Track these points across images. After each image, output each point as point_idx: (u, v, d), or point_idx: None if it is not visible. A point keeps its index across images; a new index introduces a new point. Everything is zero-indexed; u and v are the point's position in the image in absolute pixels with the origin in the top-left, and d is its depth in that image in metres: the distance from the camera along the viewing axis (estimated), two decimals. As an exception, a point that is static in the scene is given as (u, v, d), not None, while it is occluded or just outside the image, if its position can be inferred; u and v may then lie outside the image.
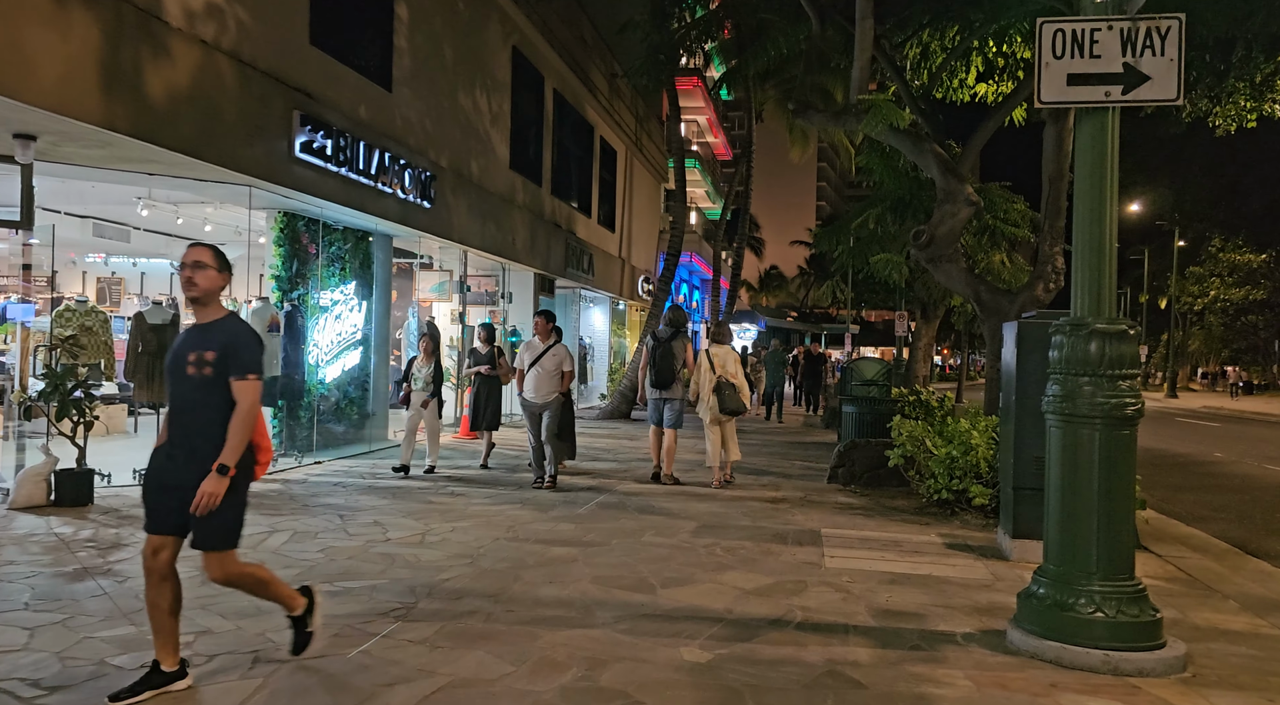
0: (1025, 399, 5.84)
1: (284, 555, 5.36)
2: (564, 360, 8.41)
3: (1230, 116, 11.53)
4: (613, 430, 14.64)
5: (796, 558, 5.75)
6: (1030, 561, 5.77)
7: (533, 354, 8.42)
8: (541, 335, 8.48)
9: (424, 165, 11.32)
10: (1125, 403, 3.93)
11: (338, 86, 9.44)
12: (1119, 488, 3.93)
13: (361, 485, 8.09)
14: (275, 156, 8.24)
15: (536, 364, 8.33)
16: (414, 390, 9.10)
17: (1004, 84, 10.82)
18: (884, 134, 9.48)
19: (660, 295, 18.10)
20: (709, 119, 30.92)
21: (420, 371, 9.07)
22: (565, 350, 8.46)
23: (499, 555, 5.55)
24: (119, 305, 16.66)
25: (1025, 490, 5.83)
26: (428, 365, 9.14)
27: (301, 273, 9.94)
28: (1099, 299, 4.02)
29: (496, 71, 14.18)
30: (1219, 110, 11.22)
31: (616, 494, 8.13)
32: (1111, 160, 4.03)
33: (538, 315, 8.62)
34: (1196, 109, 11.03)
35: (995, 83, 10.85)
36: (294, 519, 6.48)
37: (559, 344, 8.48)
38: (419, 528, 6.32)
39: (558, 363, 8.35)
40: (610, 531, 6.40)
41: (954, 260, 9.36)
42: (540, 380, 8.32)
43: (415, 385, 9.10)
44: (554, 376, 8.33)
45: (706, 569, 5.36)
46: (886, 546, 6.18)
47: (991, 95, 10.90)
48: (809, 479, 9.45)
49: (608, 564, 5.41)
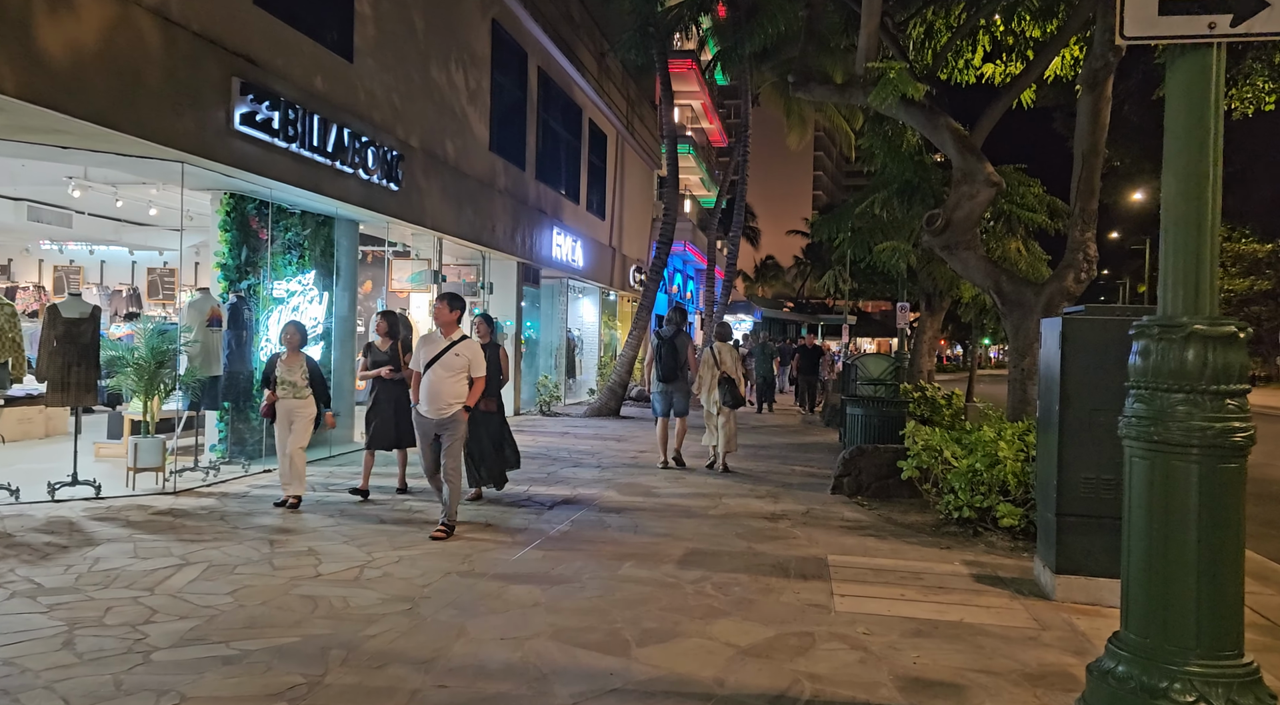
0: (1071, 407, 4.95)
1: (184, 600, 4.45)
2: (473, 361, 6.23)
3: (1248, 99, 11.14)
4: (599, 429, 13.74)
5: (800, 597, 4.86)
6: (1078, 602, 4.90)
7: (431, 351, 6.19)
8: (444, 326, 6.28)
9: (391, 144, 10.36)
10: (1232, 427, 3.03)
11: (288, 53, 8.48)
12: (1226, 538, 3.04)
13: (308, 500, 7.18)
14: (210, 129, 7.29)
15: (436, 363, 6.13)
16: (280, 395, 6.93)
17: (1013, 64, 10.31)
18: (894, 108, 8.58)
19: (651, 285, 17.18)
20: (704, 104, 29.92)
21: (288, 373, 6.95)
22: (477, 349, 6.35)
23: (446, 598, 4.64)
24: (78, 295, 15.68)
25: (1072, 517, 4.95)
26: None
27: (252, 261, 9.01)
28: (1197, 292, 3.11)
29: (475, 46, 13.19)
30: (1235, 92, 10.91)
31: (596, 510, 7.24)
32: (1215, 116, 3.12)
33: (439, 300, 6.40)
34: (1211, 91, 10.77)
35: (1003, 63, 10.37)
36: (214, 546, 5.57)
37: (467, 340, 6.33)
38: (359, 558, 5.41)
39: (465, 364, 6.17)
40: (584, 561, 5.50)
41: (972, 248, 8.47)
42: (438, 387, 6.10)
43: (281, 389, 6.93)
44: (457, 383, 6.16)
45: (694, 616, 4.47)
46: (905, 580, 5.30)
47: (999, 76, 10.34)
48: (811, 488, 8.57)
49: (575, 609, 4.51)
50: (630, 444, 11.90)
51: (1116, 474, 4.84)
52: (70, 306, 7.00)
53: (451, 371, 6.12)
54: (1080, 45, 9.72)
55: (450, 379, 6.12)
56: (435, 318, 6.35)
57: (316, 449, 9.86)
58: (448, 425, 6.13)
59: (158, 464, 7.39)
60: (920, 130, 8.84)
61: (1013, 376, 8.09)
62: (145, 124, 6.47)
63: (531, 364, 17.61)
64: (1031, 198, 12.65)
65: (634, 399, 18.80)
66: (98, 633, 3.90)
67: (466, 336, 6.32)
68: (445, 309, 6.27)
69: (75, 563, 5.05)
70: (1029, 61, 9.72)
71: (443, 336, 6.25)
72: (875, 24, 8.61)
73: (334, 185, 9.19)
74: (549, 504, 7.41)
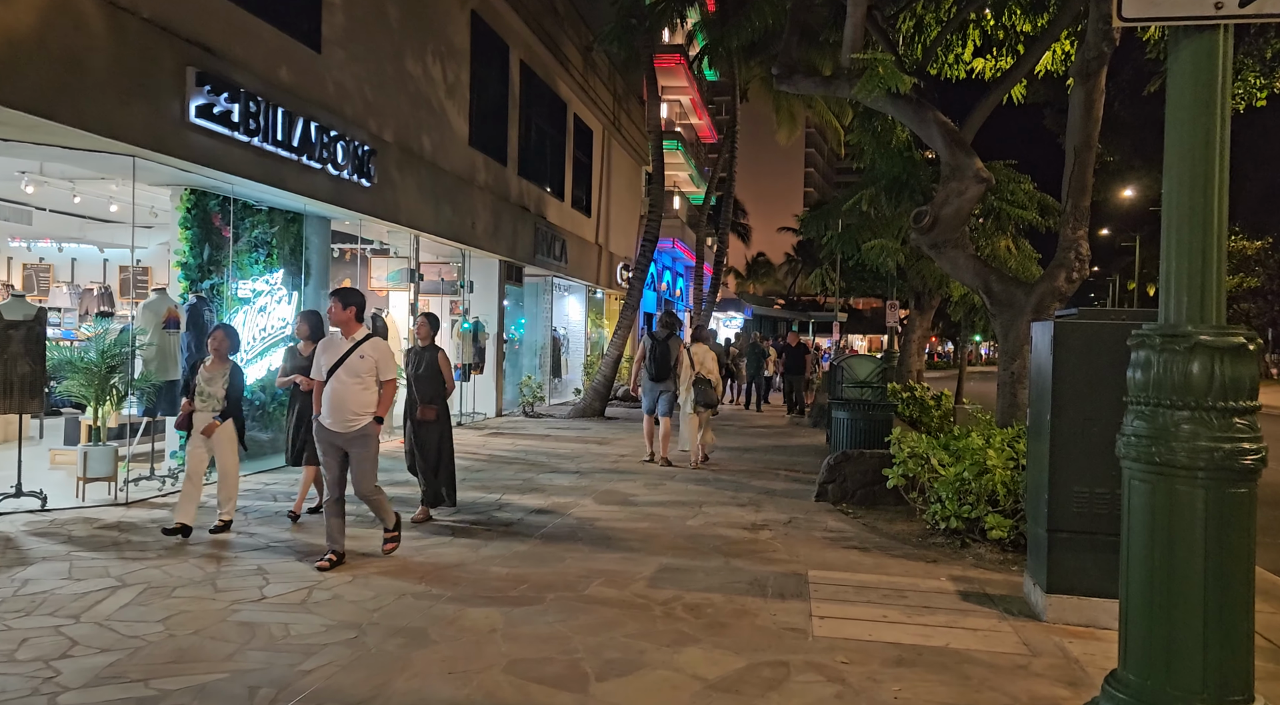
0: (1063, 416, 4.67)
1: (110, 628, 4.12)
2: (381, 363, 5.40)
3: (1239, 95, 11.13)
4: (582, 431, 13.43)
5: (777, 620, 4.56)
6: (1070, 624, 4.61)
7: (332, 356, 5.37)
8: (342, 325, 5.43)
9: (363, 138, 10.02)
10: (1243, 449, 2.74)
11: (249, 42, 8.13)
12: (1235, 570, 2.75)
13: (267, 512, 6.85)
14: (163, 121, 6.94)
15: (339, 369, 5.32)
16: (198, 406, 6.11)
17: (1003, 59, 10.18)
18: (881, 101, 8.29)
19: (637, 283, 16.86)
20: (693, 99, 29.57)
21: (209, 383, 6.10)
22: (386, 349, 5.50)
23: (396, 623, 4.33)
24: (48, 294, 15.32)
25: (1063, 533, 4.66)
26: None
27: (215, 259, 8.66)
28: (1203, 298, 2.82)
29: (453, 37, 12.84)
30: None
31: (570, 520, 6.93)
32: (1222, 105, 2.83)
33: (332, 297, 5.48)
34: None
35: (993, 58, 10.21)
36: (157, 564, 5.24)
37: (373, 339, 5.46)
38: (310, 578, 5.09)
39: (371, 367, 5.36)
40: (549, 578, 5.20)
41: (960, 246, 8.19)
42: (343, 396, 5.28)
43: (200, 400, 6.12)
44: (364, 391, 5.34)
45: (661, 643, 4.16)
46: (889, 598, 5.01)
47: (990, 71, 10.19)
48: (794, 496, 8.28)
49: (534, 636, 4.20)
50: (613, 447, 11.60)
51: (1112, 488, 4.57)
52: (12, 308, 6.65)
53: (357, 377, 5.33)
54: (1071, 40, 9.59)
55: (356, 386, 5.32)
56: (330, 319, 5.50)
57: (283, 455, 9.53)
58: (356, 441, 5.34)
59: (109, 473, 7.05)
60: (908, 125, 8.55)
61: (1002, 379, 7.81)
62: (87, 115, 6.12)
63: (515, 364, 17.28)
64: (1022, 195, 12.38)
65: (620, 399, 18.50)
66: (4, 670, 3.58)
67: (372, 335, 5.50)
68: (338, 307, 5.39)
69: (1, 586, 4.72)
70: (1019, 56, 9.54)
71: (343, 337, 5.45)
72: (862, 14, 8.31)
73: (300, 181, 8.84)
74: (521, 515, 7.09)
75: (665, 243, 25.96)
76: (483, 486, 8.29)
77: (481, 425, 13.84)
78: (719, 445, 11.81)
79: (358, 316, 5.45)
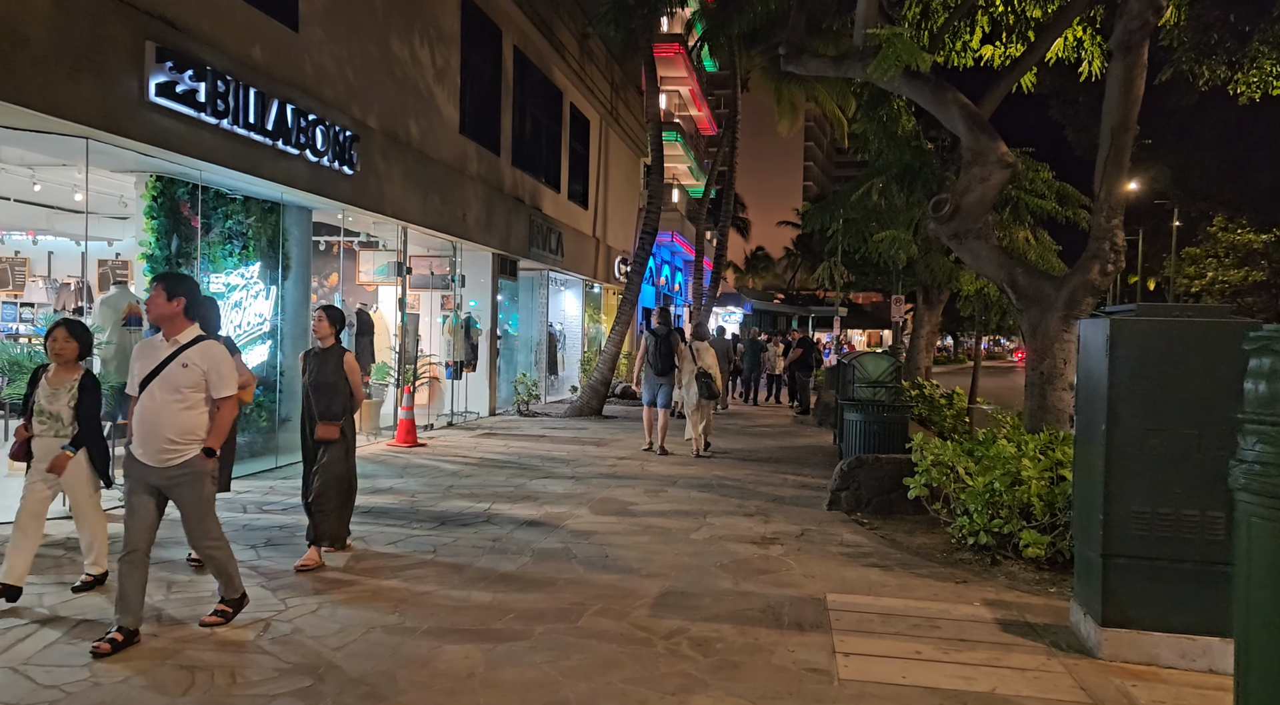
0: (1120, 426, 4.11)
1: (27, 676, 3.55)
2: (212, 373, 4.01)
3: (1254, 83, 10.72)
4: (579, 431, 12.87)
5: (796, 657, 4.01)
6: (1129, 662, 4.06)
7: (146, 364, 3.99)
8: (163, 321, 4.02)
9: (344, 123, 9.43)
10: (1399, 479, 2.19)
11: (217, 18, 7.54)
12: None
13: (234, 525, 6.29)
14: (119, 100, 6.35)
15: (155, 380, 3.95)
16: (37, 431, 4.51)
17: (1013, 46, 9.67)
18: (897, 82, 7.75)
19: (634, 278, 16.28)
20: (692, 90, 28.97)
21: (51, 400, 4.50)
22: (221, 354, 4.08)
23: (361, 666, 3.77)
24: (22, 289, 14.73)
25: (1121, 558, 4.11)
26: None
27: (185, 251, 8.08)
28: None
29: (442, 20, 12.25)
30: (1241, 77, 10.35)
31: (564, 534, 6.37)
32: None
33: (155, 282, 4.07)
34: (1214, 76, 10.28)
35: (1002, 45, 9.70)
36: (101, 590, 4.67)
37: (203, 342, 4.05)
38: (271, 606, 4.53)
39: (197, 379, 3.97)
40: (539, 606, 4.64)
41: (983, 236, 7.64)
42: (157, 418, 3.92)
43: (39, 422, 4.50)
44: (187, 411, 3.96)
45: (665, 690, 3.61)
46: (919, 628, 4.46)
47: (999, 59, 9.76)
48: (804, 504, 7.73)
49: (517, 682, 3.64)
50: (611, 448, 11.04)
51: (1177, 508, 4.02)
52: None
53: (176, 393, 3.91)
54: (1083, 26, 9.16)
55: (175, 404, 3.91)
56: (149, 313, 4.09)
57: (263, 459, 8.98)
58: (179, 481, 3.94)
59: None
60: (926, 106, 7.99)
61: (1030, 380, 7.26)
62: (26, 91, 5.53)
63: (509, 361, 16.72)
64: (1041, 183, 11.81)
65: (619, 396, 17.94)
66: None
67: (203, 336, 4.09)
68: (160, 297, 3.98)
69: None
70: (1030, 43, 9.18)
71: (163, 340, 4.03)
72: (877, -15, 7.76)
73: (275, 167, 8.26)
74: (510, 528, 6.54)
75: (664, 236, 25.40)
76: (471, 495, 7.74)
77: (474, 425, 13.27)
78: (722, 447, 11.29)
79: (188, 311, 4.02)
